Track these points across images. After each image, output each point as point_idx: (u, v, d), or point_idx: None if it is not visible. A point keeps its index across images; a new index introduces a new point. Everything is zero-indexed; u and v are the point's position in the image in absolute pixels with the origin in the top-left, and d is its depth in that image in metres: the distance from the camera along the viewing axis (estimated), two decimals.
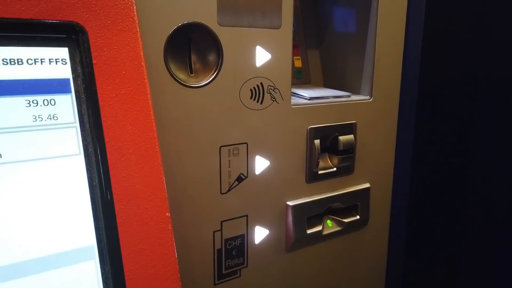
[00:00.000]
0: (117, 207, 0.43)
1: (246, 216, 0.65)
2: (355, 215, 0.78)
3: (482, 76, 0.89)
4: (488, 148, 0.92)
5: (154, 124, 0.46)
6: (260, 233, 0.67)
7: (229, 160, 0.62)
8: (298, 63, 0.85)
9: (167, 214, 0.46)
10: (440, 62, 0.82)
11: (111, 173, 0.43)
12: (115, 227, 0.42)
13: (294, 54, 0.84)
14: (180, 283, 0.45)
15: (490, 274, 0.95)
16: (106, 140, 0.43)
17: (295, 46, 0.85)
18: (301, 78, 0.85)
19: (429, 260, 0.98)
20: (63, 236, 0.42)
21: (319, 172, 0.72)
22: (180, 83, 0.55)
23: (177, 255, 0.59)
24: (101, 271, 0.43)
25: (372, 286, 0.87)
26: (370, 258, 0.84)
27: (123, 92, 0.45)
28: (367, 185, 0.80)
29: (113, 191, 0.43)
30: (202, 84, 0.57)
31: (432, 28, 0.79)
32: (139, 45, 0.47)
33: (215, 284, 0.64)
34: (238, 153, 0.62)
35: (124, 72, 0.46)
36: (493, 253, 0.94)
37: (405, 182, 0.84)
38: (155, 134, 0.46)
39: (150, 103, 0.47)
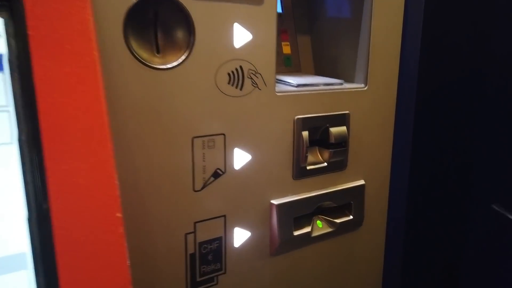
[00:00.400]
0: (55, 206, 0.35)
1: (224, 216, 0.58)
2: (348, 215, 0.71)
3: (488, 64, 0.82)
4: (491, 143, 0.85)
5: (105, 109, 0.39)
6: (240, 236, 0.60)
7: (203, 153, 0.54)
8: (287, 49, 0.78)
9: (117, 214, 0.38)
10: (442, 48, 0.75)
11: (47, 165, 0.36)
12: (49, 231, 0.35)
13: (282, 39, 0.76)
14: None
15: (492, 281, 0.88)
16: (42, 126, 0.36)
17: (283, 31, 0.78)
18: (290, 65, 0.78)
19: (429, 265, 0.91)
20: None
21: (308, 168, 0.65)
22: (144, 63, 0.48)
23: (143, 261, 0.52)
24: (36, 284, 0.36)
25: None
26: (365, 262, 0.77)
27: (66, 70, 0.38)
28: (361, 182, 0.72)
29: (50, 187, 0.36)
30: (170, 65, 0.49)
31: (432, 11, 0.72)
32: (88, 15, 0.40)
33: None
34: (214, 145, 0.55)
35: (68, 47, 0.39)
36: (495, 259, 0.87)
37: (404, 179, 0.77)
38: (106, 122, 0.39)
39: (100, 84, 0.39)
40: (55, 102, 0.37)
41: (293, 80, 0.64)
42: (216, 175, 0.56)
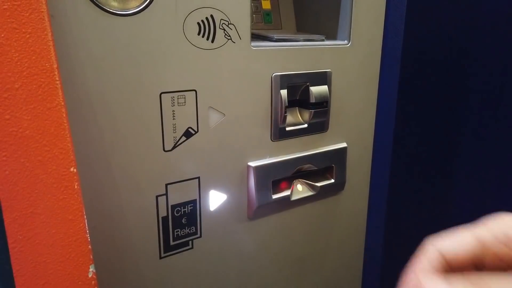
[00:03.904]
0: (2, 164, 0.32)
1: (198, 178, 0.55)
2: (329, 178, 0.69)
3: (478, 20, 0.79)
4: (478, 101, 0.83)
5: (52, 52, 0.35)
6: (216, 198, 0.58)
7: (173, 111, 0.51)
8: (267, 5, 0.73)
9: (72, 169, 0.35)
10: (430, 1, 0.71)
11: None
12: None
13: None
14: (91, 256, 0.36)
15: None
16: None
17: None
18: (270, 22, 0.73)
19: (412, 227, 0.91)
20: None
21: (287, 129, 0.62)
22: (101, 8, 0.43)
23: (112, 225, 0.50)
24: None
25: (349, 257, 0.79)
26: (347, 226, 0.76)
27: (5, 7, 0.34)
28: (343, 144, 0.70)
29: None
30: (131, 11, 0.45)
31: None
32: None
33: (161, 258, 0.54)
34: (185, 102, 0.52)
35: None
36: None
37: (388, 142, 0.75)
38: (54, 65, 0.35)
39: (46, 23, 0.35)
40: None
41: (271, 34, 0.60)
42: (188, 134, 0.53)
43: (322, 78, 0.64)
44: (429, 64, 0.75)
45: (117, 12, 0.44)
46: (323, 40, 0.64)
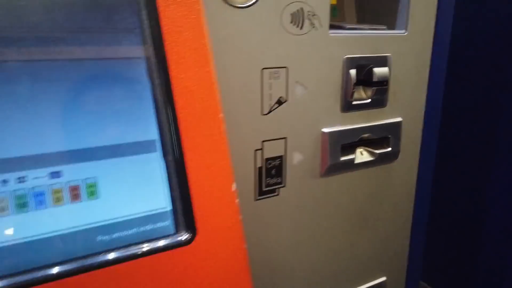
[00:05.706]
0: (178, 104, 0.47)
1: (285, 138, 0.69)
2: (386, 147, 0.81)
3: None
4: None
5: (218, 97, 0.50)
6: (297, 156, 0.71)
7: (270, 83, 0.65)
8: (333, 1, 0.86)
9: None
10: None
11: (171, 74, 0.47)
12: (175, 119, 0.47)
13: None
14: (233, 177, 0.50)
15: None
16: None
17: None
18: (335, 16, 0.86)
19: (456, 193, 1.01)
20: (132, 129, 0.47)
21: (353, 103, 0.75)
22: (229, 3, 0.58)
23: None
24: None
25: (400, 215, 0.91)
26: (399, 189, 0.88)
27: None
28: (399, 119, 0.82)
29: (174, 92, 0.47)
30: (247, 4, 0.60)
31: None
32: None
33: (255, 200, 0.69)
34: (279, 76, 0.66)
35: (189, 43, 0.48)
36: None
37: (436, 118, 0.86)
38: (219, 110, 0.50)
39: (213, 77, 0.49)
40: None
41: (343, 24, 0.74)
42: (279, 102, 0.67)
43: (383, 61, 0.76)
44: (476, 51, 0.86)
45: (239, 5, 0.59)
46: (384, 29, 0.77)
